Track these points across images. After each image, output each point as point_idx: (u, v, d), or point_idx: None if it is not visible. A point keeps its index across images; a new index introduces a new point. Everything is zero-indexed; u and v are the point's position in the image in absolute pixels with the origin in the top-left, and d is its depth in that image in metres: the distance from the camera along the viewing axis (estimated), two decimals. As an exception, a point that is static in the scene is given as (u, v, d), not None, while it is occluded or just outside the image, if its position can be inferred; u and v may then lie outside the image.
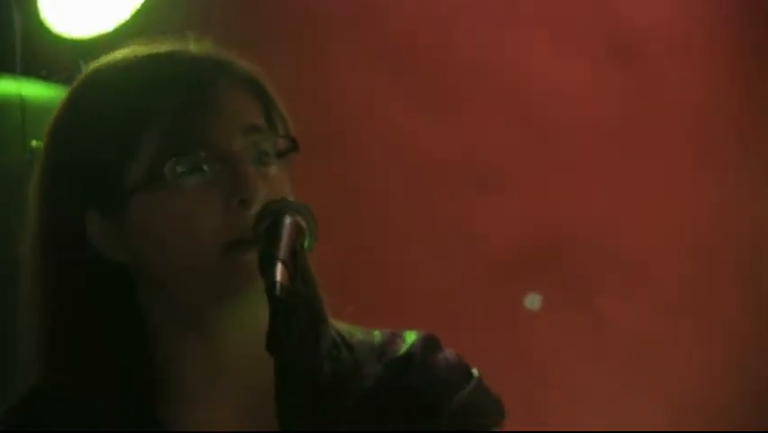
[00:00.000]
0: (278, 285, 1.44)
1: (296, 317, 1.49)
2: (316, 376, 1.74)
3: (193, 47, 1.79)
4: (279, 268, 1.45)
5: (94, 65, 1.76)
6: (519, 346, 3.89)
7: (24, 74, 3.31)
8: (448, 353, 1.88)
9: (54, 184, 1.76)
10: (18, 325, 1.91)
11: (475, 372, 1.83)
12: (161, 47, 1.76)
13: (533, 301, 3.82)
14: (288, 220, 1.57)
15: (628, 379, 3.96)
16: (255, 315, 1.63)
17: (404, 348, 1.86)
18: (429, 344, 1.86)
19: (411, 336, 1.87)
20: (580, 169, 4.06)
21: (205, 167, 1.67)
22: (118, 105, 1.72)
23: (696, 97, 4.08)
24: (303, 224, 1.57)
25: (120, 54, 1.73)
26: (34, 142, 3.19)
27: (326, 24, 4.05)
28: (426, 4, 4.25)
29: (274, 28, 3.80)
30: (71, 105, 1.77)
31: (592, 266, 4.01)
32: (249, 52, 2.18)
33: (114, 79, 1.75)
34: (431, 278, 3.91)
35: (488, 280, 3.90)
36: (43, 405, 1.80)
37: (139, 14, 3.42)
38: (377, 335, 1.88)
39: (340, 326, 1.82)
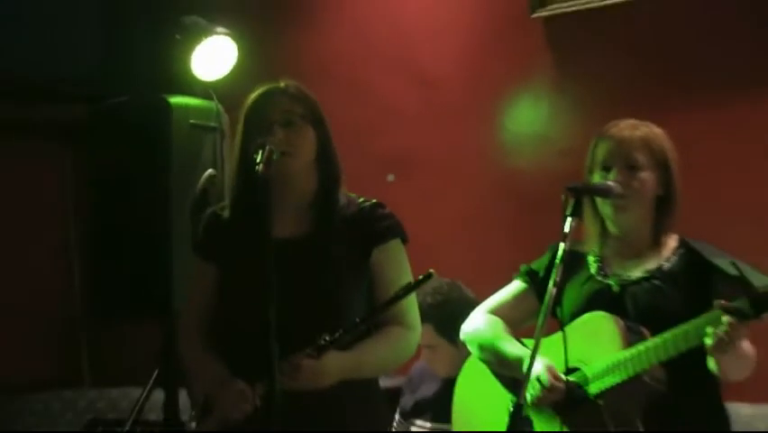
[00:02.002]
0: (259, 172, 2.70)
1: (268, 184, 2.74)
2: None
3: (268, 86, 3.06)
4: (261, 166, 2.71)
5: (252, 93, 3.01)
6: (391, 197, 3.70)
7: (187, 94, 4.33)
8: (387, 209, 3.00)
9: (240, 144, 3.01)
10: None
11: (397, 218, 2.97)
12: (264, 85, 3.04)
13: (390, 177, 4.99)
14: (267, 146, 2.76)
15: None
16: (293, 181, 2.88)
17: (368, 204, 2.97)
18: (378, 204, 2.97)
19: (374, 201, 2.99)
20: (407, 128, 5.09)
21: (266, 130, 2.85)
22: (247, 112, 3.02)
23: (455, 93, 4.99)
24: (274, 148, 2.75)
25: (255, 91, 3.03)
26: (191, 120, 4.18)
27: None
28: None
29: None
30: (242, 119, 3.02)
31: (416, 162, 5.02)
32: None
33: (246, 105, 3.01)
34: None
35: (373, 170, 4.86)
36: (223, 211, 3.06)
37: (233, 69, 4.53)
38: (362, 199, 2.99)
39: (350, 194, 3.00)
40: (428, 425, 3.90)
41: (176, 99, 4.20)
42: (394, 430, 4.01)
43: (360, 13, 5.09)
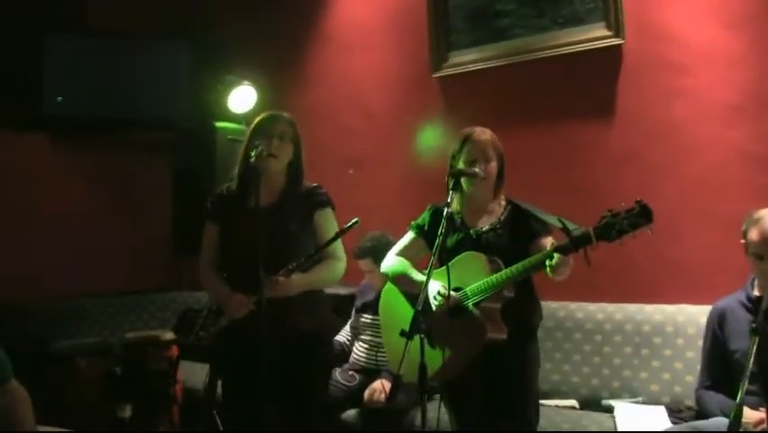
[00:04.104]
0: (253, 164, 2.50)
1: (258, 172, 2.52)
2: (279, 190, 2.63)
3: (272, 112, 2.71)
4: (254, 160, 2.50)
5: (257, 117, 2.70)
6: (351, 182, 4.31)
7: (226, 120, 4.09)
8: (323, 189, 2.72)
9: (246, 146, 2.65)
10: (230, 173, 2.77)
11: (329, 195, 2.71)
12: (272, 113, 2.71)
13: (351, 171, 4.46)
14: (261, 148, 2.54)
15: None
16: (275, 173, 2.63)
17: (312, 186, 2.71)
18: (318, 186, 2.71)
19: (315, 184, 2.71)
20: (359, 142, 4.53)
21: (267, 138, 2.61)
22: (256, 124, 2.68)
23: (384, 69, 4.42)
24: (264, 150, 2.55)
25: (262, 114, 2.72)
26: (229, 136, 3.95)
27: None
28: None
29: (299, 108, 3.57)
30: (250, 130, 2.70)
31: (365, 162, 4.47)
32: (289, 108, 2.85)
33: (255, 122, 2.69)
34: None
35: (341, 166, 4.47)
36: (222, 191, 2.74)
37: (254, 105, 4.22)
38: (309, 183, 2.70)
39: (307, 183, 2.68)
40: (370, 317, 3.65)
41: (220, 124, 4.13)
42: (351, 321, 3.79)
43: (332, 74, 4.74)
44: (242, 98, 4.16)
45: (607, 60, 3.55)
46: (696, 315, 3.15)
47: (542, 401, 3.09)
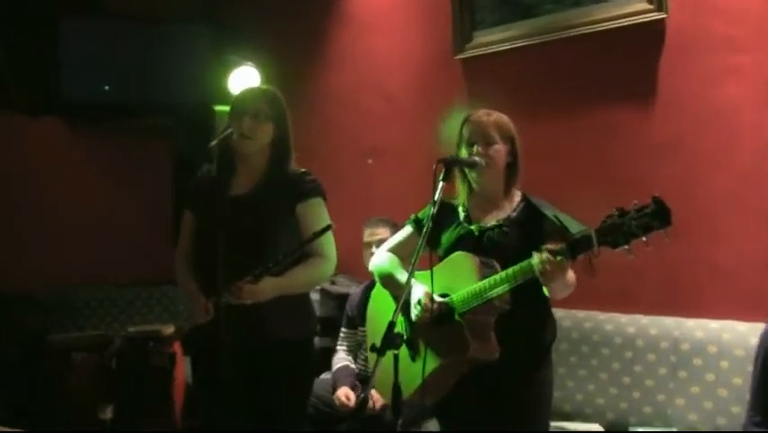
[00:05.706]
0: (213, 147, 2.30)
1: (218, 155, 2.35)
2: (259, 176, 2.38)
3: (251, 87, 2.55)
4: (215, 142, 2.28)
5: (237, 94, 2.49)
6: (371, 173, 4.17)
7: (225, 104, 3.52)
8: (312, 176, 2.43)
9: (226, 126, 2.39)
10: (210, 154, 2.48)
11: (318, 182, 2.43)
12: (250, 87, 2.54)
13: (370, 161, 4.18)
14: (229, 130, 2.32)
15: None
16: (253, 156, 2.39)
17: (298, 172, 2.44)
18: (305, 172, 2.44)
19: (303, 170, 2.44)
20: (379, 128, 4.21)
21: (239, 118, 2.35)
22: (233, 103, 2.43)
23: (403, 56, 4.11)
24: (234, 132, 2.31)
25: (242, 90, 2.50)
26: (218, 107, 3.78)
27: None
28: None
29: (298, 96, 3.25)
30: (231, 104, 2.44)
31: (384, 150, 4.15)
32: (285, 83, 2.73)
33: (236, 96, 2.47)
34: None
35: (360, 155, 4.24)
36: (209, 170, 2.49)
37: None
38: (296, 168, 2.44)
39: (294, 168, 2.43)
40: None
41: (218, 107, 3.93)
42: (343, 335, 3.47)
43: (353, 55, 4.42)
44: (243, 80, 3.99)
45: (647, 37, 3.17)
46: (745, 334, 2.73)
47: (562, 424, 2.93)
